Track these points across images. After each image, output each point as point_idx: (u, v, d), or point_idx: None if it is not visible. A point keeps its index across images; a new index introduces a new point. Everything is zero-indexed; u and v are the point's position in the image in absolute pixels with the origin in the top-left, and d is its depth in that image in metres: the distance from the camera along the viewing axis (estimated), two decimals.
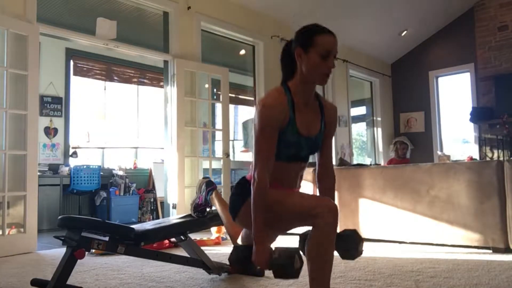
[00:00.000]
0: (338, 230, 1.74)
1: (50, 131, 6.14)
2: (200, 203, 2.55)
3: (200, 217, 2.55)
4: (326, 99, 1.93)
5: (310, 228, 1.67)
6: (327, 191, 1.92)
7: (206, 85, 5.81)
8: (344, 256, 1.80)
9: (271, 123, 1.67)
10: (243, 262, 1.71)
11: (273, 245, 1.74)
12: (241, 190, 1.85)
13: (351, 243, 1.78)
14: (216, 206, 2.47)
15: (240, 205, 1.83)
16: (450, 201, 3.48)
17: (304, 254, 1.69)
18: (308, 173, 4.22)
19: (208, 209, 2.59)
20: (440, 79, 8.54)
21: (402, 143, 6.44)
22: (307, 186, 4.13)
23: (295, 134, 1.73)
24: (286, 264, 1.58)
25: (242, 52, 6.93)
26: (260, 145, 1.69)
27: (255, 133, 1.70)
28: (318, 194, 1.98)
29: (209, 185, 2.54)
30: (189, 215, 2.61)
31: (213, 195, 2.50)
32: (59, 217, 2.13)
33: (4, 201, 3.63)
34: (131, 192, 6.24)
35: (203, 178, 2.65)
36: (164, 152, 5.29)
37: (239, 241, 2.17)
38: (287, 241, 2.02)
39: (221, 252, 3.49)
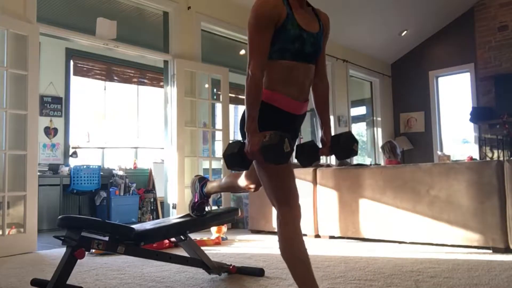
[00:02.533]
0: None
1: (50, 131, 6.14)
2: (197, 201, 2.52)
3: (199, 216, 2.53)
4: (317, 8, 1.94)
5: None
6: (321, 100, 1.97)
7: (206, 85, 5.81)
8: (338, 155, 1.89)
9: (265, 17, 1.66)
10: (237, 156, 1.70)
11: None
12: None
13: (346, 142, 1.87)
14: (215, 185, 2.42)
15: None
16: (450, 201, 3.48)
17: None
18: (308, 174, 4.23)
19: (207, 208, 2.57)
20: (440, 79, 8.54)
21: (392, 142, 6.57)
22: (307, 186, 4.13)
23: (296, 27, 1.71)
24: (275, 146, 1.59)
25: (242, 52, 6.93)
26: (254, 40, 1.67)
27: (249, 32, 1.68)
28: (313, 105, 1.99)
29: (201, 181, 2.53)
30: (189, 215, 2.61)
31: (207, 184, 2.47)
32: (59, 217, 2.12)
33: (4, 201, 3.63)
34: (131, 192, 6.24)
35: (195, 176, 2.62)
36: (164, 152, 5.29)
37: (239, 182, 2.20)
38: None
39: (221, 252, 3.49)
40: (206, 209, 2.58)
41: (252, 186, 2.12)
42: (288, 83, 1.75)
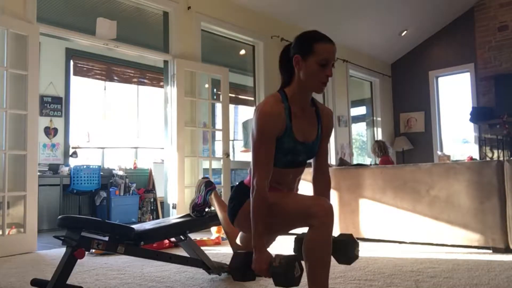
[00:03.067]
0: (337, 231, 1.75)
1: (50, 131, 6.14)
2: (199, 203, 2.55)
3: (198, 217, 2.55)
4: (321, 104, 1.94)
5: (305, 230, 1.68)
6: (321, 193, 1.93)
7: (206, 85, 5.81)
8: (340, 260, 1.82)
9: (269, 132, 1.68)
10: (243, 270, 1.71)
11: (273, 250, 1.75)
12: (238, 194, 1.87)
13: (347, 247, 1.80)
14: (215, 207, 2.48)
15: (238, 209, 1.84)
16: (450, 201, 3.48)
17: (301, 257, 1.70)
18: (309, 173, 4.22)
19: (206, 209, 2.59)
20: (440, 79, 8.54)
21: (380, 141, 6.71)
22: (307, 186, 4.12)
23: (292, 141, 1.73)
24: (286, 273, 1.58)
25: (242, 52, 6.93)
26: (258, 153, 1.69)
27: (253, 141, 1.71)
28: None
29: (208, 186, 2.55)
30: (189, 215, 2.61)
31: (212, 195, 2.51)
32: (59, 217, 2.12)
33: (4, 201, 3.63)
34: (131, 192, 6.24)
35: (203, 178, 2.65)
36: (164, 152, 5.29)
37: (237, 241, 2.17)
38: (288, 242, 2.02)
39: (221, 252, 3.49)
40: (206, 209, 2.59)
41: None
42: (277, 183, 1.80)
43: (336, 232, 1.84)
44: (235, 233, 2.19)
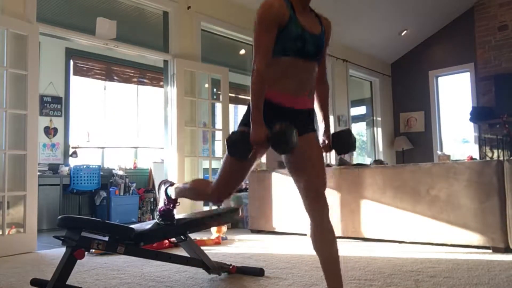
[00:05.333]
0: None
1: (50, 131, 6.14)
2: (161, 207, 2.40)
3: (168, 224, 2.38)
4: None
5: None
6: (321, 100, 2.05)
7: (206, 85, 5.81)
8: (340, 151, 2.00)
9: (270, 19, 1.76)
10: (240, 144, 1.76)
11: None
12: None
13: (346, 139, 1.97)
14: (179, 189, 2.35)
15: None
16: (450, 201, 3.47)
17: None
18: None
19: (174, 210, 2.43)
20: (440, 78, 8.54)
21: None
22: None
23: (299, 27, 1.79)
24: (286, 131, 1.67)
25: (242, 52, 6.93)
26: (259, 39, 1.78)
27: (255, 30, 1.79)
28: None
29: (166, 183, 2.46)
30: (188, 215, 2.60)
31: (173, 188, 2.39)
32: (59, 217, 2.12)
33: (4, 201, 3.63)
34: (131, 192, 6.24)
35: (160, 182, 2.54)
36: (164, 152, 5.29)
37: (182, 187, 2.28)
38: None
39: (221, 252, 3.49)
40: (175, 211, 2.44)
41: (216, 196, 2.09)
42: (287, 78, 1.82)
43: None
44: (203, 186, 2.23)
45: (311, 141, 1.89)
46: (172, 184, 2.44)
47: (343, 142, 1.97)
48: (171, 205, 2.41)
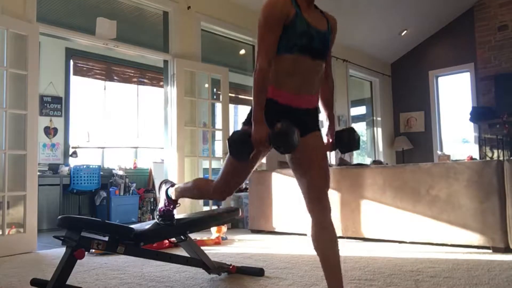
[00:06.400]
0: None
1: (50, 131, 6.14)
2: (161, 207, 2.40)
3: (168, 224, 2.38)
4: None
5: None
6: (326, 98, 2.03)
7: (206, 85, 5.81)
8: (344, 150, 1.99)
9: (274, 17, 1.74)
10: (241, 145, 1.75)
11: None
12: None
13: (349, 138, 1.96)
14: (180, 188, 2.34)
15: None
16: (450, 201, 3.47)
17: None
18: None
19: (175, 211, 2.42)
20: (440, 78, 8.54)
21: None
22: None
23: (304, 24, 1.78)
24: (288, 132, 1.66)
25: (242, 52, 6.93)
26: (263, 37, 1.77)
27: (259, 28, 1.78)
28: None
29: (167, 183, 2.45)
30: (188, 215, 2.60)
31: (174, 188, 2.38)
32: (59, 217, 2.12)
33: (4, 201, 3.63)
34: (131, 192, 6.24)
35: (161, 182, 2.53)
36: (164, 152, 5.29)
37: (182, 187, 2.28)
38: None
39: (221, 252, 3.49)
40: (175, 212, 2.43)
41: (218, 195, 2.08)
42: (291, 76, 1.80)
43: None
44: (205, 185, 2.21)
45: (315, 141, 1.87)
46: (173, 184, 2.43)
47: (346, 141, 1.96)
48: (171, 206, 2.40)
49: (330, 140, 2.00)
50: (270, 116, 1.75)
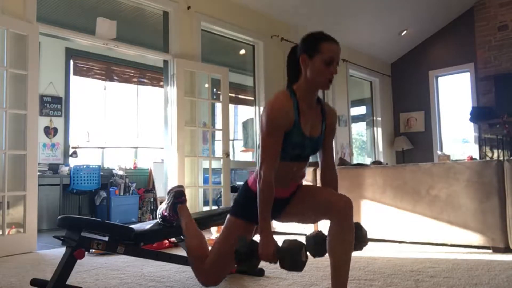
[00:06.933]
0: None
1: (50, 131, 6.14)
2: (169, 214, 2.39)
3: (168, 226, 2.39)
4: (326, 103, 2.02)
5: (314, 230, 1.79)
6: (332, 187, 2.00)
7: (206, 85, 5.81)
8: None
9: (278, 126, 1.75)
10: (248, 255, 1.73)
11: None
12: (243, 198, 1.99)
13: (358, 234, 1.94)
14: (181, 221, 2.33)
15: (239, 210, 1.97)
16: (450, 201, 3.47)
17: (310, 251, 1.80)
18: (308, 173, 4.22)
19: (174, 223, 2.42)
20: (440, 78, 8.54)
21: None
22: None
23: (300, 135, 1.81)
24: (294, 252, 1.64)
25: (242, 52, 6.93)
26: (267, 146, 1.77)
27: (262, 134, 1.78)
28: None
29: (177, 197, 2.40)
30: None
31: (181, 209, 2.38)
32: (59, 217, 2.12)
33: (4, 201, 3.63)
34: (131, 192, 6.24)
35: (177, 186, 2.50)
36: (164, 152, 5.29)
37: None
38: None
39: None
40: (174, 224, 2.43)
41: (203, 280, 2.04)
42: (280, 177, 1.84)
43: None
44: (197, 248, 2.15)
45: (301, 192, 1.94)
46: (184, 201, 2.40)
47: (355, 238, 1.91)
48: (174, 219, 2.38)
49: None
50: (252, 204, 1.80)
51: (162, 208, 2.45)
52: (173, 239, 2.74)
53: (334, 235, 1.78)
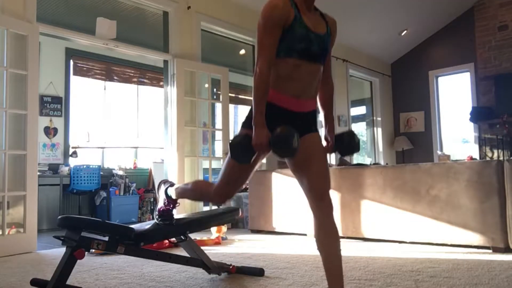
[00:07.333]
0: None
1: (50, 131, 6.14)
2: (160, 207, 2.40)
3: (167, 224, 2.38)
4: (326, 14, 2.00)
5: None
6: (325, 100, 2.03)
7: (206, 85, 5.81)
8: (344, 152, 1.99)
9: (275, 19, 1.74)
10: (243, 148, 1.76)
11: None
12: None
13: (349, 140, 1.96)
14: (180, 186, 2.35)
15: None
16: (450, 201, 3.47)
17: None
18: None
19: (174, 210, 2.42)
20: (440, 78, 8.54)
21: None
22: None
23: (303, 28, 1.78)
24: (287, 137, 1.66)
25: (242, 52, 6.93)
26: (262, 40, 1.77)
27: (259, 30, 1.78)
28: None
29: (166, 183, 2.43)
30: (188, 215, 2.60)
31: (173, 188, 2.37)
32: (59, 217, 2.12)
33: (4, 201, 3.63)
34: (131, 192, 6.24)
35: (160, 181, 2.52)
36: (164, 152, 5.29)
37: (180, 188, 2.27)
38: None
39: (221, 252, 3.49)
40: (174, 212, 2.44)
41: (218, 197, 2.07)
42: (292, 81, 1.81)
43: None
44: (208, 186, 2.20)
45: (313, 142, 1.88)
46: (172, 184, 2.43)
47: (346, 143, 1.96)
48: (171, 206, 2.40)
49: (330, 143, 1.99)
50: (270, 120, 1.75)
51: (157, 207, 2.45)
52: (173, 239, 2.74)
53: (318, 229, 1.81)
